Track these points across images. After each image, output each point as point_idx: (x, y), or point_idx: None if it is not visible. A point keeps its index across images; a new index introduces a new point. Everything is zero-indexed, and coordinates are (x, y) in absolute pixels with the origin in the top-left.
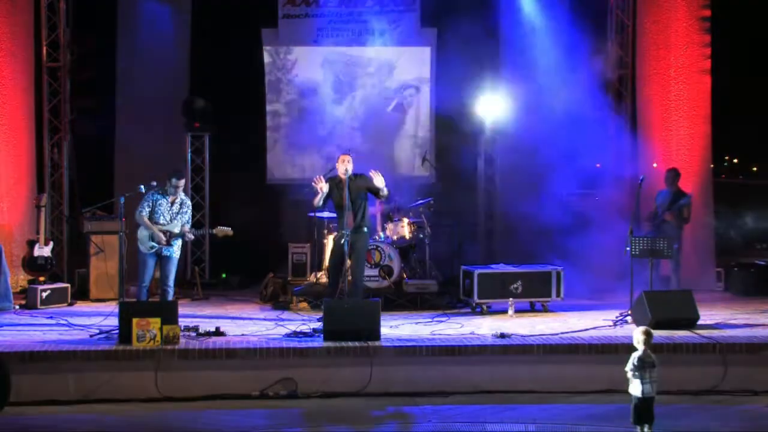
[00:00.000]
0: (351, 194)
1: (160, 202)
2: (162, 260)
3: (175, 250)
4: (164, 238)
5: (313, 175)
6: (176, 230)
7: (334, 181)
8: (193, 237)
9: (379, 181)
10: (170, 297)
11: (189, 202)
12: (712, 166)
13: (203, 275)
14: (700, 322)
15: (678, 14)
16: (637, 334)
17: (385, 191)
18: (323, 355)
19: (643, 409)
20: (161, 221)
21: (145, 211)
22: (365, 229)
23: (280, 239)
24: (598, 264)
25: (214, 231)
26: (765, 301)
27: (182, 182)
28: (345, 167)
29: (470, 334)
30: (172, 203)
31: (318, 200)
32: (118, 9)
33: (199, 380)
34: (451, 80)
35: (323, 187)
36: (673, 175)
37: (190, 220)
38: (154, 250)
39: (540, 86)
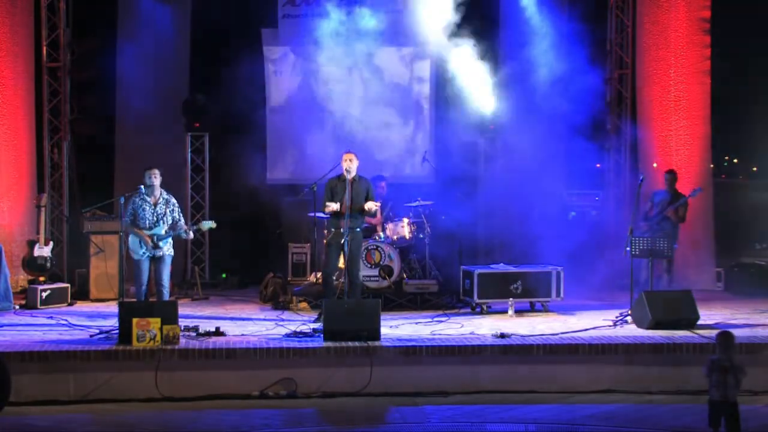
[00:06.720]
0: (353, 195)
1: (142, 206)
2: (156, 261)
3: (167, 249)
4: (151, 243)
5: (314, 174)
6: (162, 232)
7: (338, 179)
8: (191, 234)
9: (370, 205)
10: (166, 297)
11: (174, 200)
12: (712, 166)
13: (203, 275)
14: (700, 322)
15: (678, 15)
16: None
17: (373, 210)
18: (323, 355)
19: (716, 414)
20: (144, 225)
21: (129, 218)
22: (358, 229)
23: (280, 239)
24: (598, 264)
25: (197, 226)
26: (765, 301)
27: (155, 173)
28: (348, 166)
29: (470, 334)
30: (155, 204)
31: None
32: (118, 9)
33: (199, 380)
34: (451, 79)
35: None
36: (672, 177)
37: (182, 217)
38: (146, 255)
39: (540, 86)
